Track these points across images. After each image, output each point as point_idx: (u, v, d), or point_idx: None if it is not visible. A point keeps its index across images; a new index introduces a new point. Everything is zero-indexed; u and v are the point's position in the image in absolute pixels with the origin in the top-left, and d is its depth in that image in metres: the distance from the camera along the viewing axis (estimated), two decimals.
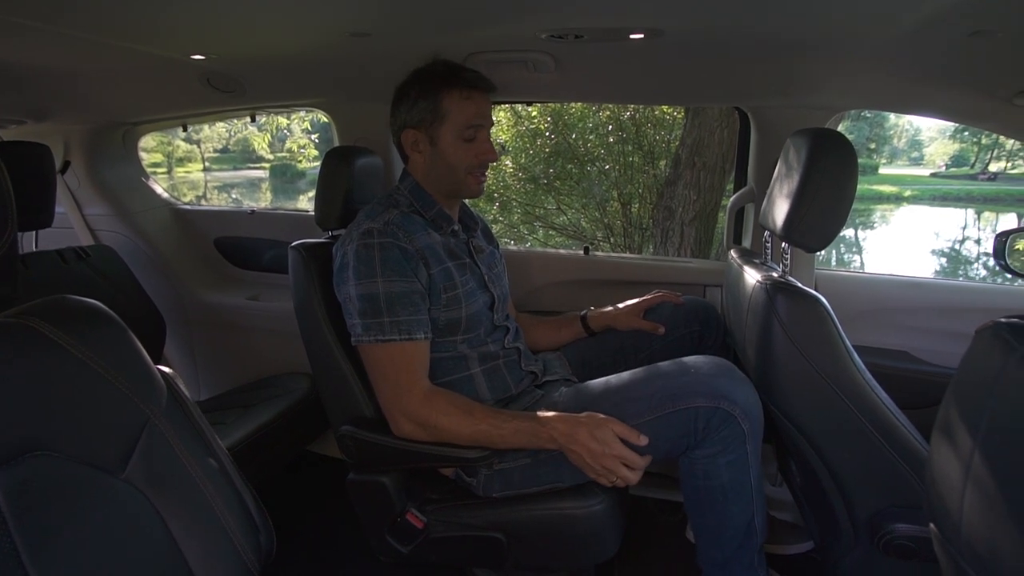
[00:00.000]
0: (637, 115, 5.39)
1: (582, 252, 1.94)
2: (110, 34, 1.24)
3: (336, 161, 1.48)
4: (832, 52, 1.23)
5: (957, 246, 14.71)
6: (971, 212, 18.35)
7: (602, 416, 1.10)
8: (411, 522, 1.23)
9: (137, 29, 1.23)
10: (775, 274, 1.18)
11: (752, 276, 1.20)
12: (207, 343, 2.24)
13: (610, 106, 5.39)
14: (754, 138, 1.69)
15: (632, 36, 1.17)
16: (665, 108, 5.22)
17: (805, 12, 1.05)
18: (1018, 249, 1.73)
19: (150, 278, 2.06)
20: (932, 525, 0.61)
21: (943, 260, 12.93)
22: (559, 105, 5.45)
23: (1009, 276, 1.68)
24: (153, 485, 0.78)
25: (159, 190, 2.29)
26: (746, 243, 1.78)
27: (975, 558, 0.52)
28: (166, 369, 0.88)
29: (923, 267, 12.22)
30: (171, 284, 2.18)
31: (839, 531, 1.14)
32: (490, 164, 1.31)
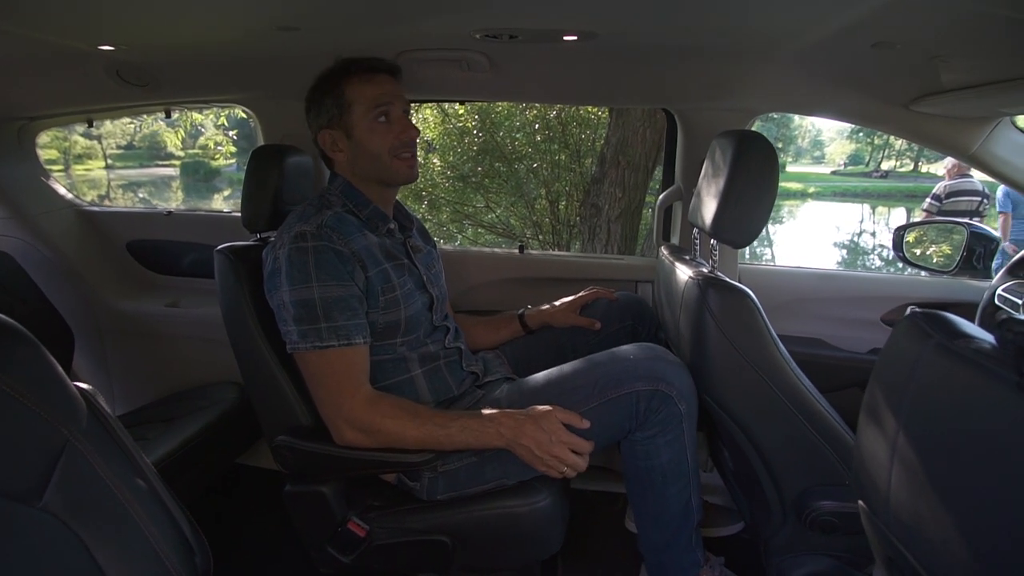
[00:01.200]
0: (563, 114, 5.48)
1: (517, 251, 1.96)
2: (4, 20, 1.13)
3: (264, 160, 1.41)
4: (752, 59, 1.30)
5: (856, 238, 15.92)
6: (867, 207, 19.92)
7: (544, 407, 1.12)
8: (353, 531, 1.20)
9: (36, 14, 1.12)
10: (705, 270, 1.23)
11: (684, 272, 1.25)
12: (122, 354, 2.09)
13: (537, 105, 5.45)
14: (681, 139, 1.75)
15: (566, 38, 1.19)
16: (590, 108, 5.34)
17: (727, 22, 1.10)
18: (909, 241, 1.91)
19: (54, 286, 1.90)
20: (860, 502, 0.66)
21: (844, 252, 13.96)
22: (486, 103, 5.46)
23: (904, 266, 1.86)
24: (74, 512, 0.72)
25: (62, 190, 2.11)
26: (674, 240, 1.85)
27: (902, 528, 0.57)
28: (84, 385, 0.82)
29: (827, 258, 13.15)
30: (79, 292, 2.01)
31: (769, 511, 1.21)
32: (414, 142, 1.27)
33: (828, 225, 17.17)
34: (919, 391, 0.56)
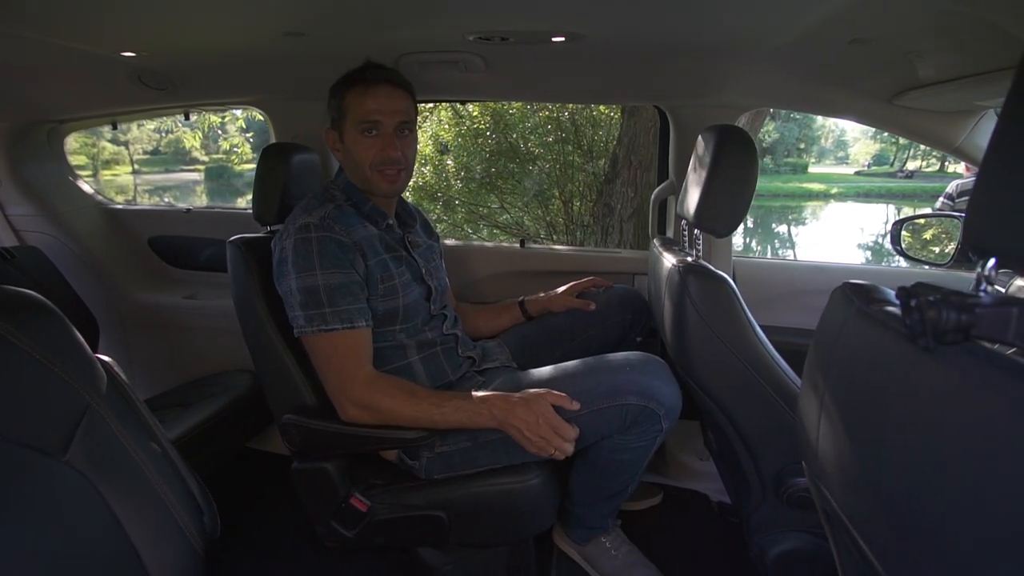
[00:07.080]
0: (575, 116, 5.53)
1: (518, 245, 2.02)
2: (34, 29, 1.22)
3: (273, 158, 1.50)
4: (735, 56, 1.34)
5: (880, 240, 15.65)
6: (891, 208, 19.55)
7: (536, 390, 1.18)
8: (355, 506, 1.27)
9: (64, 24, 1.21)
10: (689, 259, 1.29)
11: (669, 261, 1.30)
12: (143, 344, 2.20)
13: (549, 107, 5.50)
14: (672, 134, 1.80)
15: (554, 39, 1.25)
16: (602, 108, 5.37)
17: (704, 21, 1.15)
18: (907, 236, 1.93)
19: (81, 279, 2.01)
20: (803, 462, 0.71)
21: (868, 253, 13.76)
22: (500, 105, 5.52)
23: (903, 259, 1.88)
24: (95, 468, 0.79)
25: (89, 189, 2.23)
26: (669, 233, 1.90)
27: (826, 477, 0.62)
28: (105, 358, 0.90)
29: (850, 260, 12.96)
30: (103, 285, 2.13)
31: (750, 490, 1.26)
32: (398, 161, 1.30)
33: (851, 226, 16.92)
34: (843, 352, 0.61)
